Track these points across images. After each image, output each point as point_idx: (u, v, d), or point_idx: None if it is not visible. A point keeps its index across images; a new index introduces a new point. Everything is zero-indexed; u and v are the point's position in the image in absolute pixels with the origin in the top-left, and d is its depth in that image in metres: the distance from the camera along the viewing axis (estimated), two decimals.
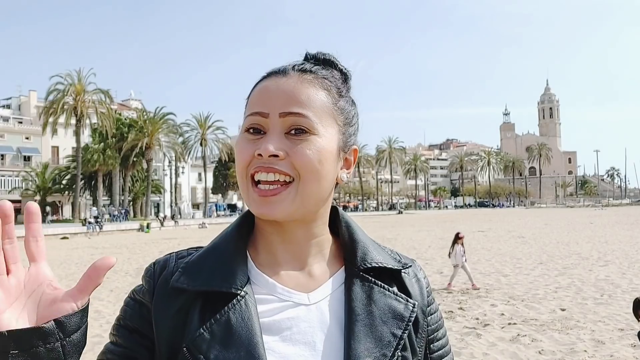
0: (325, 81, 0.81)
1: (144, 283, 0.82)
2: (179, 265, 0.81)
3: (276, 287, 0.80)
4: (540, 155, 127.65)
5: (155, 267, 0.83)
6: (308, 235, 0.83)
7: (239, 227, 0.85)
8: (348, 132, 0.84)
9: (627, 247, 17.30)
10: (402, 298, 0.82)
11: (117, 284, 11.43)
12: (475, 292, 9.55)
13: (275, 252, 0.83)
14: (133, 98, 74.73)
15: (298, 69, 0.81)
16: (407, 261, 0.90)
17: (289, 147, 0.76)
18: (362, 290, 0.80)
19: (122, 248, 22.07)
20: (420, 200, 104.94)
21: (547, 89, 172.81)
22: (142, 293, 0.81)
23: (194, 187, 74.86)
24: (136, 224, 39.85)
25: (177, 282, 0.78)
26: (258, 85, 0.81)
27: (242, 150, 0.78)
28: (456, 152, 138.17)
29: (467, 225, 34.85)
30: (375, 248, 0.87)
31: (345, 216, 0.89)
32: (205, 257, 0.81)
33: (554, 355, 5.65)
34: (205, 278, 0.77)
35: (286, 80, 0.79)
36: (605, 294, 9.02)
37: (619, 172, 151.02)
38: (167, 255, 0.86)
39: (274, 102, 0.77)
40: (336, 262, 0.86)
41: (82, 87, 47.54)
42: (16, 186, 56.07)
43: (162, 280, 0.80)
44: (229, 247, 0.82)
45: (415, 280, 0.88)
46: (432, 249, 18.43)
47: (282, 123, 0.76)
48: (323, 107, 0.79)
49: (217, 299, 0.76)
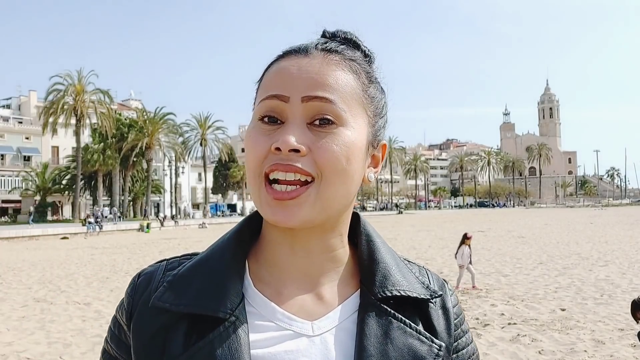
0: (354, 63, 0.69)
1: (124, 301, 0.71)
2: (166, 279, 0.69)
3: (275, 312, 0.67)
4: (540, 155, 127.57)
5: (138, 281, 0.72)
6: (323, 248, 0.70)
7: (239, 234, 0.72)
8: (378, 125, 0.71)
9: (627, 247, 17.31)
10: (427, 338, 0.68)
11: (117, 284, 11.43)
12: (475, 292, 9.55)
13: (281, 265, 0.70)
14: (133, 98, 74.73)
15: (322, 47, 0.68)
16: (437, 286, 0.75)
17: (312, 141, 0.63)
18: (378, 325, 0.67)
19: (122, 248, 22.07)
20: (420, 200, 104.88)
21: (547, 89, 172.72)
22: (121, 311, 0.71)
23: (194, 187, 74.84)
24: (136, 224, 39.84)
25: (159, 301, 0.66)
26: (274, 66, 0.68)
27: (256, 143, 0.65)
28: (456, 152, 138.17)
29: (467, 225, 34.85)
30: (400, 269, 0.73)
31: (366, 225, 0.75)
32: (195, 270, 0.69)
33: (554, 355, 5.65)
34: (192, 297, 0.66)
35: (309, 61, 0.66)
36: (605, 294, 9.02)
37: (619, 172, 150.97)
38: (157, 264, 0.74)
39: (295, 84, 0.64)
40: (351, 283, 0.72)
41: (82, 87, 47.50)
42: (16, 186, 56.07)
43: (145, 297, 0.69)
44: (224, 259, 0.69)
45: (443, 312, 0.72)
46: (432, 249, 18.43)
47: (305, 110, 0.64)
48: (352, 93, 0.66)
49: (204, 322, 0.64)
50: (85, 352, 6.15)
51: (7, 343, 6.55)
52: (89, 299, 9.66)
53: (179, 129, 59.94)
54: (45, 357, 5.97)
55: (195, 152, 64.24)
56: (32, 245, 24.91)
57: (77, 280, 12.20)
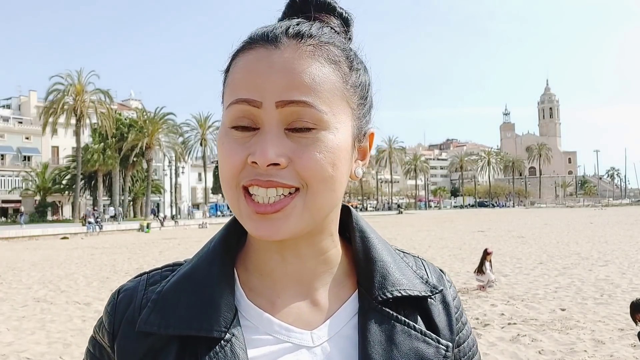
0: (332, 49, 0.61)
1: (103, 318, 0.66)
2: (149, 296, 0.63)
3: (272, 323, 0.62)
4: (540, 155, 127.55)
5: (118, 298, 0.65)
6: (314, 251, 0.65)
7: (225, 240, 0.67)
8: (362, 114, 0.64)
9: (627, 247, 17.29)
10: (432, 339, 0.64)
11: (117, 283, 11.40)
12: (475, 292, 9.54)
13: (272, 274, 0.65)
14: (133, 98, 74.73)
15: (292, 33, 0.59)
16: (435, 279, 0.71)
17: (292, 150, 0.57)
18: (381, 330, 0.62)
19: (122, 248, 22.06)
20: (420, 200, 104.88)
21: (547, 89, 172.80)
22: (101, 332, 0.65)
23: (194, 187, 74.86)
24: (136, 224, 39.84)
25: (146, 325, 0.61)
26: (240, 59, 0.60)
27: (230, 153, 0.59)
28: (456, 152, 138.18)
29: (467, 225, 34.87)
30: (398, 265, 0.68)
31: (359, 220, 0.71)
32: (181, 286, 0.63)
33: (554, 355, 5.65)
34: (181, 317, 0.60)
35: (280, 54, 0.58)
36: (605, 294, 9.02)
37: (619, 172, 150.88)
38: (137, 278, 0.68)
39: (267, 86, 0.57)
40: (347, 283, 0.67)
41: (82, 87, 47.53)
42: (16, 186, 56.09)
43: (128, 318, 0.63)
44: (212, 270, 0.64)
45: (443, 307, 0.69)
46: (432, 249, 18.42)
47: (281, 115, 0.57)
48: (332, 89, 0.59)
49: (196, 343, 0.59)
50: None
51: (7, 343, 6.55)
52: (89, 299, 9.66)
53: (179, 129, 59.98)
54: (45, 357, 5.97)
55: (195, 152, 64.37)
56: (32, 245, 24.90)
57: (77, 280, 12.20)
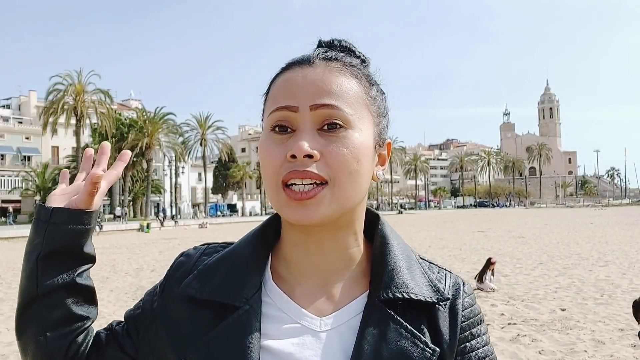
0: (354, 69, 0.73)
1: (161, 281, 0.81)
2: (198, 265, 0.77)
3: (290, 304, 0.72)
4: (540, 155, 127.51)
5: (179, 260, 0.81)
6: (337, 246, 0.74)
7: (263, 231, 0.79)
8: (382, 124, 0.76)
9: (627, 247, 17.29)
10: (421, 342, 0.69)
11: (117, 284, 11.43)
12: (475, 292, 9.50)
13: (297, 263, 0.75)
14: (133, 98, 74.75)
15: (323, 57, 0.73)
16: (451, 290, 0.76)
17: (323, 146, 0.67)
18: (377, 326, 0.69)
19: (122, 248, 22.05)
20: (420, 200, 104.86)
21: (547, 89, 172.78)
22: (162, 282, 0.81)
23: (194, 187, 74.84)
24: (136, 224, 39.84)
25: (188, 288, 0.75)
26: (279, 78, 0.73)
27: (271, 153, 0.69)
28: (456, 152, 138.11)
29: (467, 225, 34.87)
30: (411, 271, 0.75)
31: (384, 227, 0.78)
32: (222, 262, 0.76)
33: (554, 355, 5.65)
34: (215, 286, 0.73)
35: (313, 70, 0.70)
36: (605, 294, 9.02)
37: (619, 172, 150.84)
38: (199, 246, 0.83)
39: (302, 94, 0.69)
40: (362, 282, 0.75)
41: (82, 87, 47.49)
42: (16, 186, 56.08)
43: (178, 277, 0.77)
44: (247, 253, 0.76)
45: (450, 315, 0.74)
46: (432, 249, 18.42)
47: (314, 117, 0.68)
48: (356, 96, 0.71)
49: (224, 310, 0.71)
50: None
51: (7, 343, 6.54)
52: None
53: (179, 129, 59.94)
54: None
55: (195, 152, 64.30)
56: None
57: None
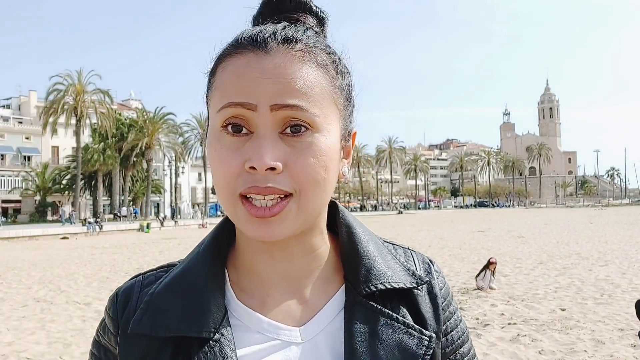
0: (319, 53, 0.62)
1: (108, 323, 0.68)
2: (143, 298, 0.66)
3: (261, 322, 0.64)
4: (540, 155, 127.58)
5: (117, 300, 0.68)
6: (304, 249, 0.67)
7: (216, 242, 0.69)
8: (347, 114, 0.66)
9: (627, 247, 17.29)
10: (415, 330, 0.65)
11: (117, 284, 11.40)
12: (475, 292, 9.54)
13: (262, 273, 0.67)
14: (133, 98, 74.73)
15: (280, 38, 0.61)
16: (423, 270, 0.72)
17: (287, 154, 0.58)
18: (365, 323, 0.64)
19: (122, 248, 22.06)
20: (420, 200, 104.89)
21: (547, 89, 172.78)
22: (106, 335, 0.68)
23: (194, 187, 74.86)
24: (136, 224, 39.84)
25: (138, 327, 0.63)
26: (229, 64, 0.61)
27: (224, 160, 0.59)
28: (456, 152, 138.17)
29: (467, 225, 34.87)
30: (384, 258, 0.69)
31: (346, 216, 0.71)
32: (173, 288, 0.65)
33: (554, 355, 5.64)
34: (172, 319, 0.62)
35: (271, 60, 0.59)
36: (605, 294, 9.01)
37: (619, 172, 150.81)
38: (132, 280, 0.70)
39: (261, 90, 0.58)
40: (335, 279, 0.69)
41: (82, 87, 47.50)
42: (16, 186, 56.09)
43: (126, 319, 0.65)
44: (202, 272, 0.66)
45: (430, 297, 0.69)
46: (432, 249, 18.42)
47: (275, 119, 0.58)
48: (322, 92, 0.61)
49: (189, 343, 0.62)
50: (85, 352, 6.14)
51: (7, 343, 6.54)
52: (89, 299, 9.66)
53: (179, 129, 59.96)
54: (45, 357, 5.96)
55: (195, 152, 64.28)
56: (32, 245, 24.91)
57: (77, 280, 12.20)
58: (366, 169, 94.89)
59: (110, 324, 0.67)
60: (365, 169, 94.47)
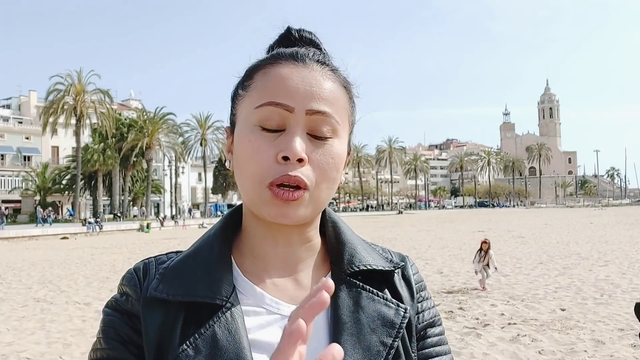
0: (342, 76, 0.75)
1: (129, 292, 0.74)
2: (159, 271, 0.73)
3: (264, 297, 0.72)
4: (540, 155, 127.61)
5: (137, 274, 0.75)
6: (302, 239, 0.77)
7: (224, 229, 0.78)
8: (352, 130, 0.78)
9: (627, 247, 17.29)
10: (393, 303, 0.75)
11: (117, 284, 11.40)
12: (475, 292, 9.54)
13: (264, 257, 0.76)
14: (133, 98, 74.70)
15: (316, 59, 0.73)
16: (398, 260, 0.83)
17: (311, 151, 0.68)
18: (349, 297, 0.74)
19: (122, 248, 22.07)
20: (420, 200, 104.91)
21: (547, 89, 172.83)
22: (129, 303, 0.73)
23: (194, 187, 74.86)
24: (136, 224, 39.85)
25: (156, 291, 0.70)
26: (270, 70, 0.71)
27: (259, 150, 0.68)
28: (456, 152, 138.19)
29: (467, 225, 34.87)
30: (365, 248, 0.81)
31: (332, 215, 0.83)
32: (186, 263, 0.73)
33: (554, 355, 5.64)
34: (187, 287, 0.70)
35: (309, 72, 0.71)
36: (605, 294, 9.01)
37: (619, 172, 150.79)
38: (145, 260, 0.78)
39: (300, 95, 0.68)
40: (324, 267, 0.79)
41: (82, 87, 47.53)
42: (16, 186, 56.07)
43: (147, 285, 0.72)
44: (212, 252, 0.74)
45: (405, 281, 0.81)
46: (432, 249, 18.42)
47: (307, 121, 0.68)
48: (343, 106, 0.73)
49: (201, 310, 0.69)
50: (85, 352, 6.13)
51: (7, 343, 6.54)
52: (89, 299, 9.65)
53: (179, 129, 59.98)
54: (45, 357, 5.96)
55: (195, 152, 64.35)
56: (32, 245, 24.91)
57: (77, 280, 12.20)
58: (366, 168, 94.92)
59: (133, 292, 0.73)
60: (365, 169, 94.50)
